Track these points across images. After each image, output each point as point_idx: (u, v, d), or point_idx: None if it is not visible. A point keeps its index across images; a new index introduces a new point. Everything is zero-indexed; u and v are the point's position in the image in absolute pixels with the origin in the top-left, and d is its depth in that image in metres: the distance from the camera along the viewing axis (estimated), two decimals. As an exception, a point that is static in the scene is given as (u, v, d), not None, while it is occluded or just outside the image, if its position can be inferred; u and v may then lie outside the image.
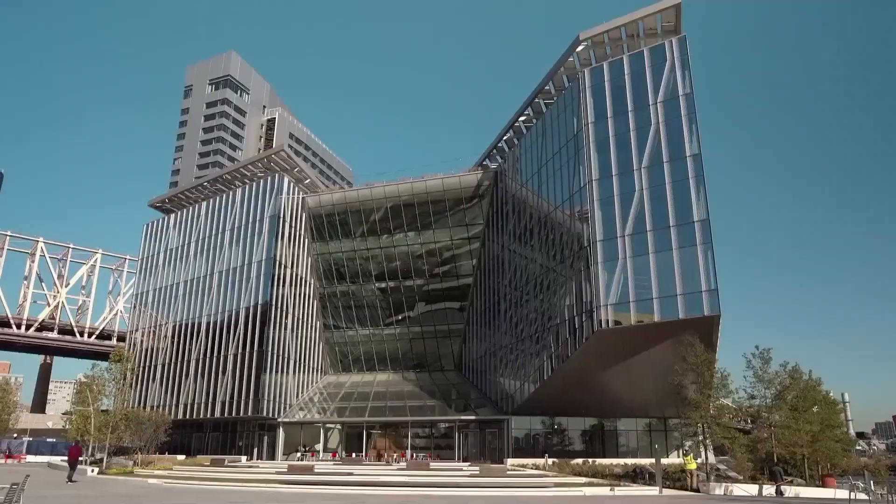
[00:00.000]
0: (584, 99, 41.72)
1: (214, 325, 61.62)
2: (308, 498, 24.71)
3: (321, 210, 63.55)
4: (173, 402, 61.77)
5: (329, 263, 64.91)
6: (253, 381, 55.67)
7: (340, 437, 58.82)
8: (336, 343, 66.30)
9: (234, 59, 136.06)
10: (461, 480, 33.86)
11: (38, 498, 20.53)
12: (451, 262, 61.83)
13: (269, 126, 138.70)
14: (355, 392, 60.63)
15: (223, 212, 65.76)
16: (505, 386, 51.11)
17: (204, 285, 64.49)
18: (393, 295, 63.92)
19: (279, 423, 56.96)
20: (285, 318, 59.54)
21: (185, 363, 62.88)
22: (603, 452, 49.67)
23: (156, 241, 72.65)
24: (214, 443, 61.74)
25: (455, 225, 60.12)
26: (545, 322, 44.14)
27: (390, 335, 64.66)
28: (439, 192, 59.11)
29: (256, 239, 60.90)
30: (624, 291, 36.64)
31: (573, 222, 41.45)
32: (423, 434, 57.59)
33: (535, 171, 48.49)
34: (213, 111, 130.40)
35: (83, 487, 29.29)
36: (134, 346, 68.93)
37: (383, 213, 61.44)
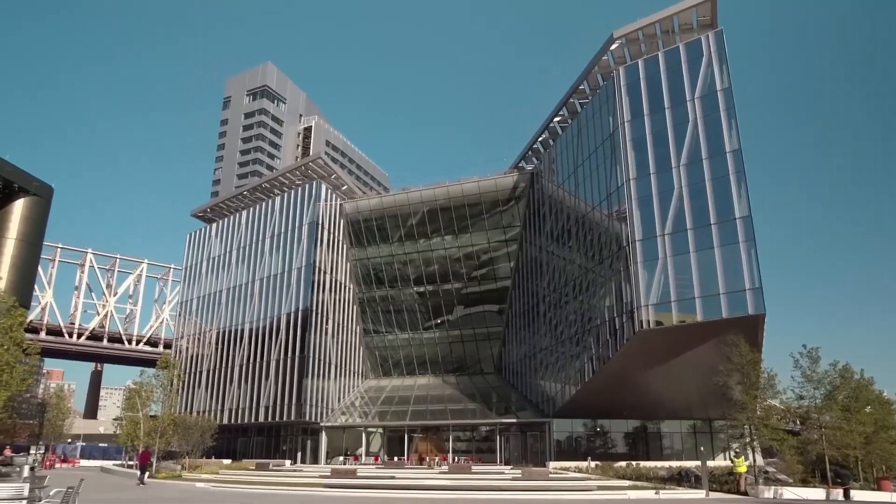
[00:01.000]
0: (619, 97, 41.28)
1: (257, 332, 62.60)
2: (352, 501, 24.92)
3: (359, 216, 64.10)
4: (218, 408, 62.91)
5: (367, 268, 65.42)
6: (295, 386, 56.38)
7: (382, 441, 59.15)
8: (376, 347, 66.75)
9: (271, 69, 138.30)
10: (503, 484, 33.69)
11: (92, 501, 21.09)
12: (488, 265, 61.74)
13: (305, 134, 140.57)
14: (396, 396, 60.92)
15: (263, 220, 66.81)
16: (546, 388, 50.79)
17: (246, 292, 65.58)
18: (431, 299, 64.10)
19: (322, 428, 57.54)
20: (326, 323, 60.17)
21: (229, 369, 64.02)
22: (647, 455, 48.98)
23: (199, 249, 74.16)
24: (259, 447, 62.67)
25: (492, 227, 60.04)
26: (585, 323, 43.74)
27: (429, 339, 64.85)
28: (475, 194, 59.12)
29: (296, 246, 61.69)
30: (665, 291, 36.10)
31: (611, 222, 41.02)
32: (464, 437, 57.57)
33: (571, 171, 48.15)
34: (252, 121, 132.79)
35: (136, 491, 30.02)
36: (180, 352, 70.44)
37: (420, 217, 61.67)
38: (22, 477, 26.58)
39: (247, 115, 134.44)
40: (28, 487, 12.43)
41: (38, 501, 12.68)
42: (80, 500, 12.06)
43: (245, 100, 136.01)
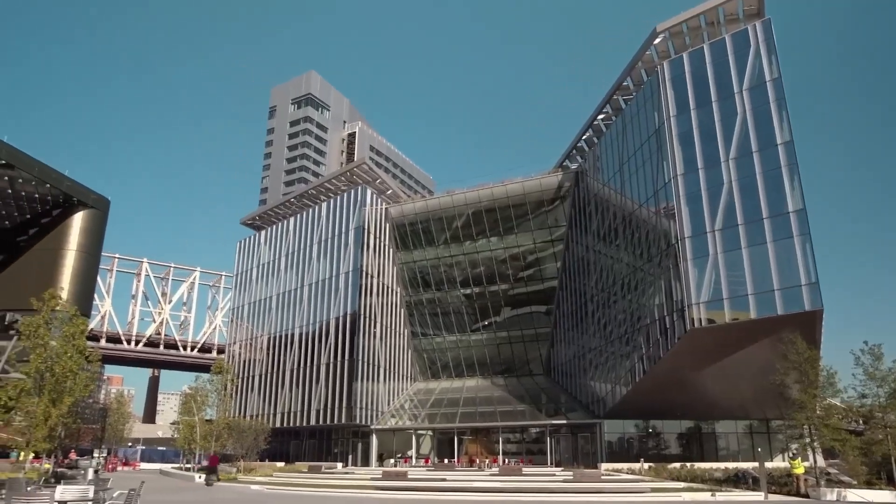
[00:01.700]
0: (664, 92, 40.59)
1: (307, 336, 63.56)
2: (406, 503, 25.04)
3: (404, 219, 64.54)
4: (271, 411, 64.06)
5: (414, 272, 65.78)
6: (345, 390, 57.00)
7: (432, 443, 59.35)
8: (424, 350, 67.05)
9: (314, 77, 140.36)
10: (555, 485, 33.46)
11: (152, 503, 21.72)
12: (535, 266, 61.41)
13: (349, 140, 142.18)
14: (445, 398, 61.07)
15: (310, 226, 67.83)
16: (595, 389, 50.21)
17: (295, 298, 66.66)
18: (478, 300, 64.07)
19: (372, 430, 58.06)
20: (374, 326, 60.71)
21: (280, 373, 65.14)
22: (701, 456, 47.94)
23: (249, 257, 75.72)
24: (311, 450, 63.57)
25: (537, 228, 59.72)
26: (634, 323, 43.10)
27: (477, 341, 64.82)
28: (520, 195, 58.90)
29: (343, 251, 62.43)
30: (716, 288, 35.30)
31: (659, 219, 40.34)
32: (514, 439, 57.34)
33: (616, 169, 47.54)
34: (297, 129, 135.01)
35: (194, 493, 30.78)
36: (232, 358, 72.00)
37: (465, 219, 61.74)
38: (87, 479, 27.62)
39: (292, 124, 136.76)
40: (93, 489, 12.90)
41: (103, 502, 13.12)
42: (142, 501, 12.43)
43: (290, 108, 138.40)
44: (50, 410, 31.43)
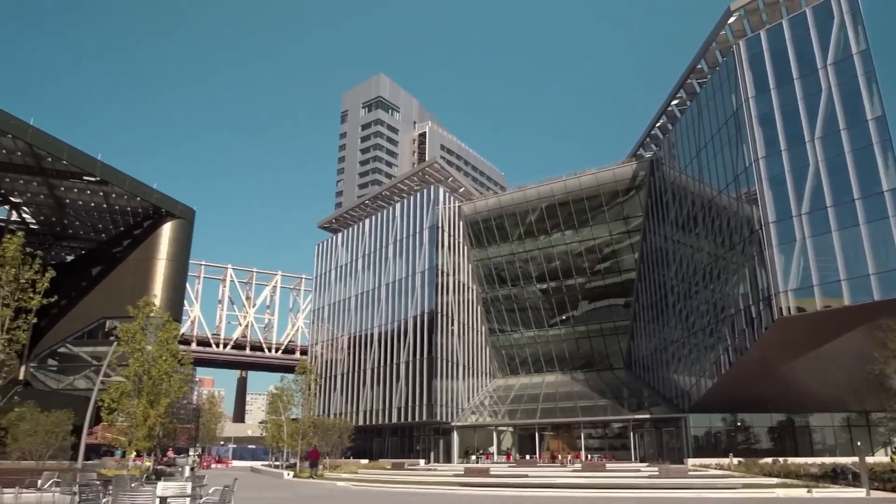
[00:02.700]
0: (741, 72, 38.99)
1: (386, 335, 64.62)
2: (488, 500, 25.09)
3: (477, 216, 64.62)
4: (353, 410, 65.48)
5: (489, 268, 65.78)
6: (425, 387, 57.64)
7: (513, 440, 59.24)
8: (502, 346, 66.97)
9: (383, 80, 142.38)
10: (640, 481, 32.78)
11: (246, 499, 22.62)
12: (611, 258, 60.30)
13: (420, 140, 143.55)
14: (525, 394, 60.82)
15: (385, 226, 68.87)
16: (679, 382, 48.86)
17: (373, 297, 67.87)
18: (555, 295, 63.46)
19: (453, 427, 58.47)
20: (451, 324, 61.11)
21: (361, 372, 66.50)
22: (795, 451, 45.83)
23: (327, 259, 77.60)
24: (394, 447, 64.61)
25: (613, 219, 58.59)
26: (718, 313, 41.67)
27: (555, 336, 64.20)
28: (594, 187, 57.95)
29: (418, 250, 63.10)
30: (805, 275, 33.69)
31: (740, 205, 38.84)
32: (596, 434, 56.54)
33: (693, 155, 46.06)
34: (368, 132, 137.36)
35: (284, 489, 31.84)
36: (315, 358, 73.99)
37: (539, 214, 61.24)
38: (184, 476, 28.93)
39: (363, 127, 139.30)
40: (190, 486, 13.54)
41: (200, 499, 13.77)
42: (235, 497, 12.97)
43: (361, 112, 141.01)
44: (148, 411, 33.13)
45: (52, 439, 35.55)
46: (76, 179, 59.32)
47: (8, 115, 50.74)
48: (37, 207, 67.79)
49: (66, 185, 61.24)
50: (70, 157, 55.52)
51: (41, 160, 56.15)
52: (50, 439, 35.43)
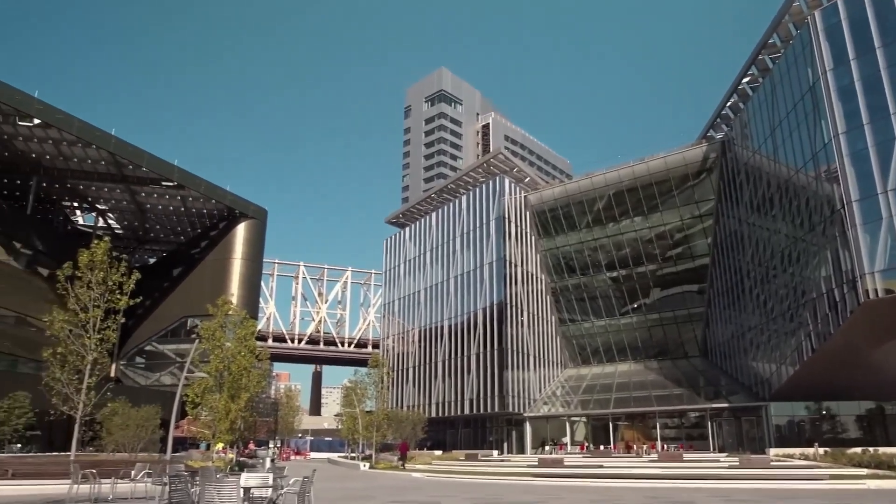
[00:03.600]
0: (817, 44, 37.16)
1: (456, 328, 65.03)
2: (563, 491, 24.98)
3: (544, 206, 64.10)
4: (426, 402, 66.23)
5: (558, 258, 65.18)
6: (496, 379, 57.75)
7: (586, 430, 58.65)
8: (573, 336, 66.31)
9: (445, 74, 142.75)
10: (719, 472, 31.91)
11: (324, 489, 23.27)
12: (683, 244, 58.72)
13: (483, 132, 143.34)
14: (597, 384, 60.10)
15: (452, 219, 69.17)
16: (758, 370, 47.22)
17: (442, 290, 68.37)
18: (626, 283, 62.33)
19: (525, 418, 58.38)
20: (521, 315, 60.96)
21: (432, 364, 67.17)
22: (886, 440, 43.50)
23: (395, 254, 78.61)
24: (466, 438, 65.03)
25: (684, 204, 57.02)
26: (799, 298, 40.00)
27: (627, 324, 63.08)
28: (662, 171, 56.54)
29: (485, 241, 63.14)
30: (893, 255, 31.89)
31: (820, 184, 37.11)
32: (672, 424, 55.32)
33: (767, 134, 44.25)
34: (432, 126, 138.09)
35: (362, 480, 32.57)
36: (387, 351, 75.16)
37: (606, 201, 60.22)
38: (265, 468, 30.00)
39: (427, 121, 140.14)
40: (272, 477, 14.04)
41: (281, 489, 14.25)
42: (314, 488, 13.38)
43: (424, 106, 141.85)
44: (230, 405, 34.38)
45: (142, 432, 37.35)
46: (155, 185, 62.22)
47: (92, 127, 53.59)
48: (120, 213, 71.45)
49: (146, 191, 64.29)
50: (149, 163, 58.21)
51: (123, 168, 59.08)
52: (140, 432, 37.23)
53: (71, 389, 24.88)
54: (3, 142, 54.94)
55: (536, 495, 22.31)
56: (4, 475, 21.57)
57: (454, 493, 23.45)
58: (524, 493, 23.31)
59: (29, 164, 58.52)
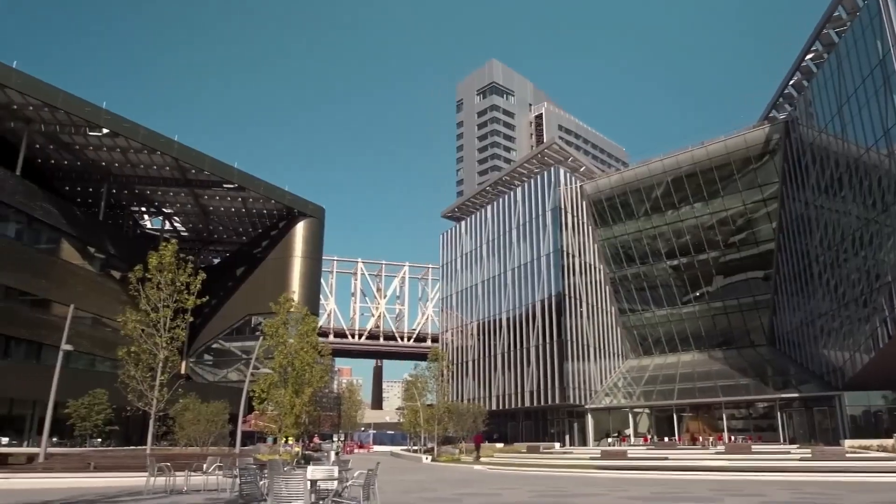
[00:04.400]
0: (887, 15, 35.34)
1: (514, 320, 64.90)
2: (627, 483, 24.66)
3: (600, 195, 63.22)
4: (486, 394, 66.34)
5: (616, 247, 64.20)
6: (556, 370, 57.44)
7: (649, 422, 57.72)
8: (633, 326, 65.26)
9: (496, 66, 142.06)
10: (791, 464, 30.95)
11: (388, 482, 23.62)
12: (747, 229, 56.99)
13: (537, 122, 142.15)
14: (660, 374, 59.03)
15: (507, 212, 68.96)
16: (830, 358, 45.47)
17: (499, 283, 68.29)
18: (687, 271, 60.94)
19: (586, 410, 57.86)
20: (580, 306, 60.40)
21: (491, 357, 67.22)
22: (974, 430, 41.45)
23: (452, 247, 78.88)
24: (528, 431, 64.87)
25: (746, 188, 55.30)
26: (872, 282, 38.31)
27: (689, 313, 61.68)
28: (723, 155, 54.97)
29: (542, 233, 62.73)
30: (975, 234, 30.26)
31: (893, 162, 35.40)
32: (739, 415, 53.88)
33: (834, 111, 42.45)
34: (484, 119, 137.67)
35: (421, 472, 32.90)
36: (446, 345, 75.58)
37: (665, 188, 58.96)
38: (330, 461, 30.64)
39: (479, 114, 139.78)
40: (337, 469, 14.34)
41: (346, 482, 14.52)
42: (379, 480, 13.61)
43: (476, 99, 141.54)
44: (294, 400, 35.24)
45: (212, 427, 38.59)
46: (217, 187, 64.18)
47: (156, 134, 55.65)
48: (186, 216, 73.89)
49: (208, 194, 66.34)
50: (211, 167, 60.06)
51: (186, 172, 61.08)
52: (210, 427, 38.47)
53: (145, 386, 26.00)
54: (76, 152, 57.59)
55: (600, 488, 22.11)
56: (87, 468, 22.70)
57: (516, 485, 23.45)
58: (587, 486, 23.13)
59: (100, 172, 61.15)
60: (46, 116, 50.85)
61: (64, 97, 48.69)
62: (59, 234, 53.52)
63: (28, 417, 46.27)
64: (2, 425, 40.55)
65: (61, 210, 53.93)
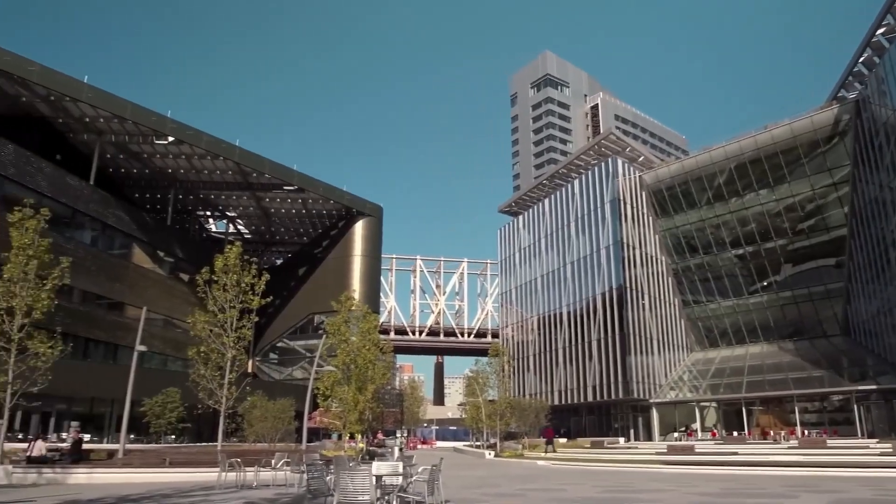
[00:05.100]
0: (965, -14, 33.51)
1: (574, 314, 64.25)
2: (695, 479, 24.11)
3: (660, 185, 61.92)
4: (547, 389, 65.92)
5: (677, 237, 62.76)
6: (619, 364, 56.64)
7: (717, 416, 56.25)
8: (698, 318, 63.67)
9: (549, 58, 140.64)
10: (870, 459, 29.65)
11: (452, 477, 23.75)
12: (816, 215, 54.82)
13: (593, 113, 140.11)
14: (727, 367, 57.44)
15: (565, 204, 68.28)
16: (911, 347, 43.33)
17: (558, 277, 67.71)
18: (753, 260, 59.08)
19: (651, 404, 56.84)
20: (641, 298, 59.40)
21: (552, 352, 66.73)
22: None
23: (510, 242, 78.63)
24: (591, 426, 64.13)
25: (814, 172, 53.19)
26: (955, 267, 36.34)
27: (757, 304, 59.77)
28: (788, 139, 53.02)
29: (601, 225, 61.89)
30: None
31: (975, 140, 33.48)
32: (812, 408, 51.96)
33: (909, 89, 40.36)
34: (539, 111, 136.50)
35: (484, 468, 32.93)
36: (506, 340, 75.39)
37: (727, 175, 57.28)
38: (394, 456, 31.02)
39: (534, 107, 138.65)
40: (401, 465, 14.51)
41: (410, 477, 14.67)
42: (443, 475, 13.70)
43: (530, 92, 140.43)
44: (357, 397, 35.76)
45: (279, 424, 39.52)
46: (277, 190, 65.76)
47: (219, 140, 57.44)
48: (248, 219, 75.94)
49: (269, 196, 68.02)
50: (271, 170, 61.57)
51: (248, 176, 62.79)
52: (277, 424, 39.41)
53: (214, 385, 26.86)
54: (144, 160, 59.97)
55: (667, 483, 21.69)
56: (163, 464, 23.60)
57: (581, 480, 23.23)
58: (654, 482, 22.71)
59: (167, 179, 63.48)
60: (116, 127, 53.16)
61: (132, 108, 50.86)
62: (130, 239, 55.88)
63: (107, 415, 48.40)
64: (84, 423, 42.46)
65: (132, 216, 56.26)
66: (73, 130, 53.71)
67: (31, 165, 44.53)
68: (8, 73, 44.03)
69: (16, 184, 42.55)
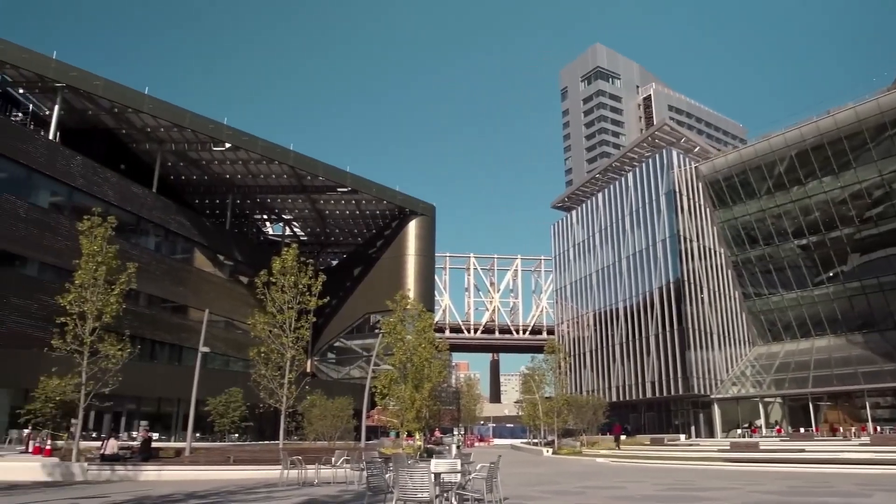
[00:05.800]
0: None
1: (631, 309, 63.35)
2: (761, 477, 23.48)
3: (717, 175, 60.43)
4: (605, 386, 65.16)
5: (737, 229, 61.11)
6: (678, 360, 55.63)
7: (782, 412, 54.57)
8: (760, 311, 61.86)
9: (599, 50, 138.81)
10: (949, 456, 28.33)
11: (510, 474, 23.75)
12: (885, 201, 52.51)
13: (645, 104, 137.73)
14: (791, 361, 55.65)
15: (619, 198, 67.32)
16: None
17: (614, 272, 66.84)
18: (818, 250, 57.01)
19: (712, 400, 55.60)
20: (700, 292, 58.15)
21: (609, 348, 65.91)
22: None
23: (564, 238, 77.98)
24: (650, 422, 63.10)
25: (882, 157, 50.96)
26: None
27: (822, 295, 57.65)
28: (853, 123, 50.96)
29: (656, 218, 60.82)
30: None
31: None
32: (885, 404, 49.85)
33: (984, 67, 38.29)
34: (590, 105, 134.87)
35: (542, 465, 32.84)
36: (562, 337, 74.85)
37: (788, 163, 55.46)
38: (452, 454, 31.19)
39: (585, 101, 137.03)
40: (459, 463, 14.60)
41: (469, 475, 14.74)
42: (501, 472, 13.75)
43: (580, 86, 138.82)
44: (414, 395, 36.04)
45: (338, 422, 40.13)
46: (332, 192, 66.85)
47: (273, 145, 58.79)
48: (304, 221, 77.43)
49: (324, 198, 69.20)
50: (325, 172, 62.64)
51: (302, 179, 64.03)
52: (336, 422, 40.02)
53: (275, 384, 27.52)
54: (203, 167, 61.81)
55: (731, 481, 21.19)
56: (227, 461, 24.33)
57: (641, 478, 22.93)
58: (717, 480, 22.24)
59: (225, 185, 65.26)
60: (175, 136, 55.01)
61: (190, 117, 52.57)
62: (192, 244, 57.68)
63: (173, 414, 50.10)
64: (152, 422, 44.05)
65: (193, 222, 58.04)
66: (135, 140, 55.83)
67: (97, 176, 46.48)
68: (75, 87, 46.07)
69: (84, 194, 44.57)
